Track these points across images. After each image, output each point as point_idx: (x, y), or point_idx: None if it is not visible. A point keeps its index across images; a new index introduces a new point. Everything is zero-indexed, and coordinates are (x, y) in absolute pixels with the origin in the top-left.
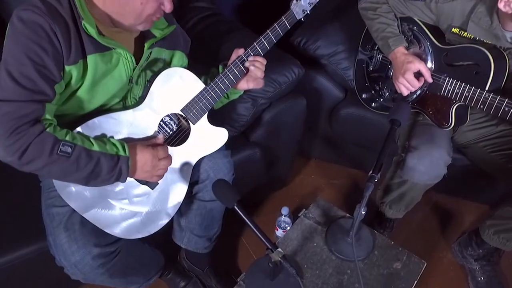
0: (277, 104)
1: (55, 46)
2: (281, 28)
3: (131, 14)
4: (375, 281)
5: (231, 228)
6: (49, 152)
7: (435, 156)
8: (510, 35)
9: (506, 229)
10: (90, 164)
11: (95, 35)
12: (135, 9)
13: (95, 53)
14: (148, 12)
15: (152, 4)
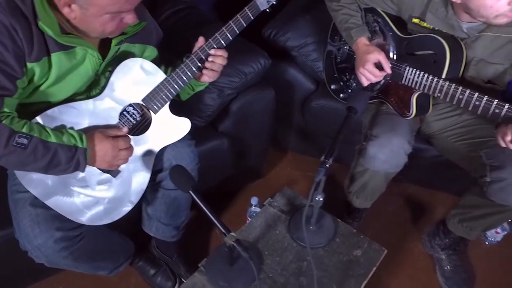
0: (244, 95)
1: (16, 43)
2: (244, 19)
3: (93, 32)
4: (334, 267)
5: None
6: (5, 144)
7: (395, 144)
8: (466, 26)
9: (469, 218)
10: (47, 155)
11: (53, 35)
12: (96, 30)
13: (59, 51)
14: (110, 30)
15: (111, 24)
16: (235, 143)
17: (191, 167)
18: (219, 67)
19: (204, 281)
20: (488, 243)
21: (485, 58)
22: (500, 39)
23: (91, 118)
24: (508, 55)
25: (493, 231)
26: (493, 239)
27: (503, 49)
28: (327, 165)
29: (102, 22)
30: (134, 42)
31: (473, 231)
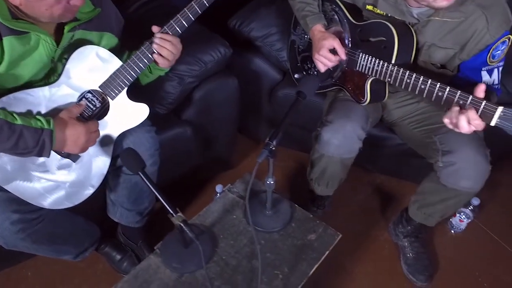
0: (206, 83)
1: None
2: (199, 6)
3: (42, 17)
4: (287, 251)
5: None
6: None
7: (348, 130)
8: (416, 11)
9: (426, 204)
10: (13, 136)
11: (2, 20)
12: (43, 13)
13: (10, 36)
14: (57, 13)
15: (57, 7)
16: (199, 131)
17: (150, 152)
18: (168, 54)
19: (158, 262)
20: (453, 232)
21: (436, 43)
22: (448, 23)
23: (48, 105)
24: (457, 40)
25: (457, 219)
26: (458, 227)
27: (452, 34)
28: (271, 147)
29: (47, 5)
30: (90, 29)
31: (432, 217)
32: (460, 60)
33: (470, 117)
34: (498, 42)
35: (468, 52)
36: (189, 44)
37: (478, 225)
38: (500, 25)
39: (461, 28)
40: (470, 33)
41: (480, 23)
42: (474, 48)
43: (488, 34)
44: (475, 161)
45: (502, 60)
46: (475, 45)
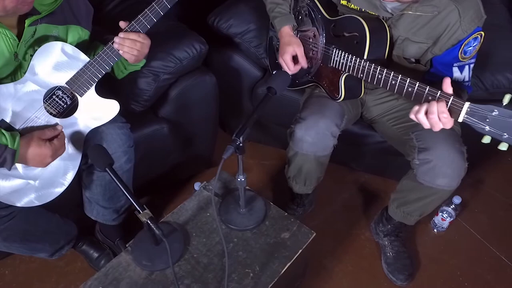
0: (183, 80)
1: None
2: (167, 1)
3: None
4: (260, 249)
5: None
6: None
7: (321, 127)
8: (390, 6)
9: (404, 202)
10: None
11: None
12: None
13: None
14: (10, 6)
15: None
16: (177, 129)
17: (123, 149)
18: (129, 50)
19: (129, 260)
20: (436, 230)
21: (409, 37)
22: (421, 18)
23: (14, 101)
24: (430, 33)
25: (439, 218)
26: (441, 225)
27: (425, 28)
28: (238, 143)
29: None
30: (54, 23)
31: (411, 216)
32: (432, 54)
33: (439, 109)
34: (470, 38)
35: (441, 46)
36: (164, 40)
37: (461, 224)
38: (473, 20)
39: (434, 22)
40: (443, 27)
41: (453, 17)
42: (446, 43)
43: (460, 28)
44: (451, 159)
45: (474, 57)
46: (448, 39)
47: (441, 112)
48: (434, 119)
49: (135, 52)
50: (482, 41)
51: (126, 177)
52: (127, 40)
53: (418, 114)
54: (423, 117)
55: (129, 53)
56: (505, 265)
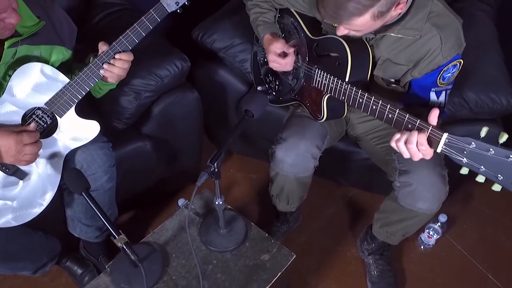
0: (165, 97)
1: None
2: (150, 22)
3: None
4: (239, 271)
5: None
6: None
7: (301, 148)
8: None
9: (387, 223)
10: None
11: None
12: None
13: None
14: None
15: None
16: (160, 145)
17: (104, 169)
18: (119, 70)
19: (108, 282)
20: (423, 247)
21: (391, 58)
22: (403, 40)
23: None
24: (411, 57)
25: (425, 235)
26: (427, 243)
27: (406, 51)
28: (212, 169)
29: None
30: (37, 44)
31: (394, 236)
32: (412, 77)
33: (419, 140)
34: (449, 65)
35: (420, 70)
36: (145, 58)
37: (448, 240)
38: (453, 47)
39: (416, 45)
40: (424, 51)
41: (435, 43)
42: (426, 67)
43: (441, 54)
44: (431, 183)
45: (451, 84)
46: (428, 64)
47: (420, 144)
48: (413, 149)
49: (122, 72)
50: (460, 68)
51: (109, 195)
52: (118, 61)
53: (398, 143)
54: (403, 146)
55: (118, 73)
56: (491, 283)
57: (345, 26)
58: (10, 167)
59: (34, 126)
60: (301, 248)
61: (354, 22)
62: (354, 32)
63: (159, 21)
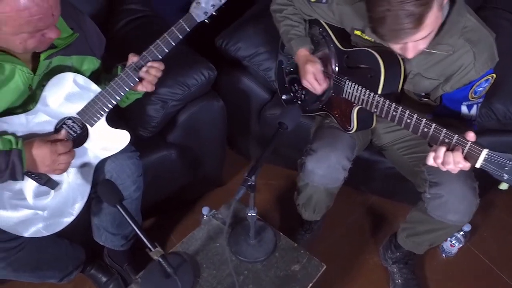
0: (191, 106)
1: None
2: (180, 32)
3: (16, 49)
4: (270, 282)
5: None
6: None
7: (332, 160)
8: None
9: (415, 233)
10: None
11: None
12: (17, 47)
13: None
14: (32, 46)
15: (32, 40)
16: (185, 153)
17: (133, 178)
18: (153, 79)
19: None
20: (445, 256)
21: (421, 73)
22: (435, 55)
23: (25, 132)
24: (443, 71)
25: (448, 244)
26: (449, 251)
27: (438, 66)
28: (249, 183)
29: (21, 40)
30: (69, 54)
31: (421, 246)
32: (443, 91)
33: (455, 159)
34: (482, 80)
35: (452, 84)
36: (173, 67)
37: (470, 249)
38: (486, 62)
39: (448, 61)
40: (456, 66)
41: (468, 58)
42: (458, 82)
43: (473, 70)
44: (463, 195)
45: (482, 97)
46: (460, 79)
47: (456, 163)
48: (450, 167)
49: (155, 80)
50: (492, 82)
51: (135, 205)
52: (153, 69)
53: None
54: (441, 164)
55: (152, 82)
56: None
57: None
58: (42, 176)
59: (65, 133)
60: (323, 256)
61: (427, 21)
62: (422, 44)
63: (189, 31)
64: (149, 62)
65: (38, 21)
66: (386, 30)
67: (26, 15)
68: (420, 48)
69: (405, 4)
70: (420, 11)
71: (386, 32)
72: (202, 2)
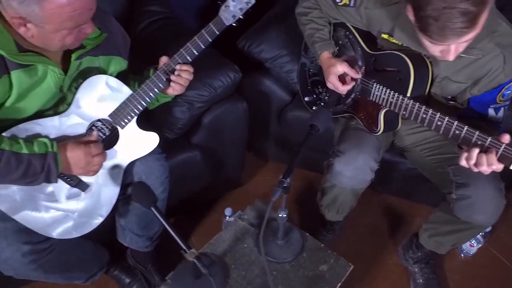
0: (216, 108)
1: None
2: (209, 35)
3: (53, 47)
4: (299, 282)
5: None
6: None
7: (360, 162)
8: None
9: (438, 233)
10: (21, 166)
11: (7, 56)
12: (56, 44)
13: (18, 69)
14: (69, 42)
15: (70, 37)
16: (209, 154)
17: (161, 180)
18: (185, 82)
19: None
20: (463, 256)
21: (449, 76)
22: (463, 59)
23: (57, 134)
24: (471, 75)
25: (467, 244)
26: (468, 251)
27: (466, 69)
28: (285, 185)
29: (60, 37)
30: (97, 55)
31: (443, 246)
32: (470, 94)
33: (489, 161)
34: (511, 83)
35: (480, 88)
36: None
37: (488, 249)
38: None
39: (477, 64)
40: (485, 70)
41: (497, 62)
42: (487, 85)
43: (503, 73)
44: (490, 196)
45: (509, 100)
46: (488, 82)
47: (489, 164)
48: (483, 168)
49: (187, 83)
50: None
51: (161, 206)
52: (185, 72)
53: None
54: (473, 166)
55: (184, 84)
56: None
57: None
58: (74, 178)
59: (96, 134)
60: (344, 257)
61: (480, 22)
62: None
63: (218, 34)
64: (179, 64)
65: (79, 16)
66: (437, 28)
67: (69, 10)
68: (460, 51)
69: (462, 3)
70: (476, 10)
71: (437, 30)
72: (231, 6)
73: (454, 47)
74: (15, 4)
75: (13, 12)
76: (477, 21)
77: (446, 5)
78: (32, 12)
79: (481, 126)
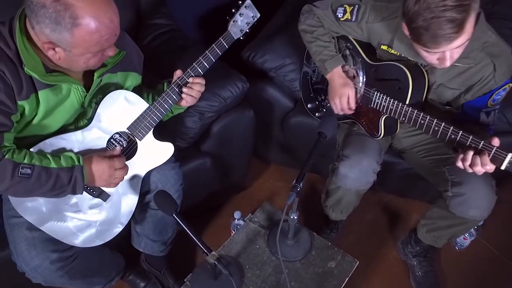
0: (225, 117)
1: (6, 84)
2: (219, 48)
3: (77, 68)
4: (310, 279)
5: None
6: (11, 176)
7: (364, 165)
8: None
9: (435, 228)
10: (50, 180)
11: (38, 77)
12: (80, 66)
13: (45, 89)
14: (92, 64)
15: (93, 59)
16: (218, 161)
17: (176, 188)
18: (197, 94)
19: None
20: (458, 248)
21: (445, 83)
22: (457, 68)
23: (81, 146)
24: (464, 82)
25: (461, 237)
26: (462, 244)
27: (460, 77)
28: (298, 189)
29: (85, 59)
30: (115, 71)
31: (440, 240)
32: (464, 99)
33: (483, 162)
34: (500, 89)
35: (473, 93)
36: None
37: (480, 242)
38: (505, 73)
39: (469, 72)
40: (477, 78)
41: (488, 70)
42: (479, 91)
43: (493, 80)
44: (483, 193)
45: (499, 104)
46: (480, 88)
47: (484, 165)
48: (477, 168)
49: (199, 95)
50: (508, 90)
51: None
52: (197, 85)
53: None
54: (468, 166)
55: (196, 96)
56: None
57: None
58: (96, 189)
59: (119, 150)
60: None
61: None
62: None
63: (227, 47)
64: (192, 77)
65: (105, 41)
66: (429, 36)
67: (97, 37)
68: (455, 58)
69: (447, 12)
70: (461, 17)
71: (430, 38)
72: (239, 21)
73: (449, 53)
74: (48, 31)
75: (45, 38)
76: (464, 26)
77: (434, 15)
78: (63, 38)
79: (474, 130)
